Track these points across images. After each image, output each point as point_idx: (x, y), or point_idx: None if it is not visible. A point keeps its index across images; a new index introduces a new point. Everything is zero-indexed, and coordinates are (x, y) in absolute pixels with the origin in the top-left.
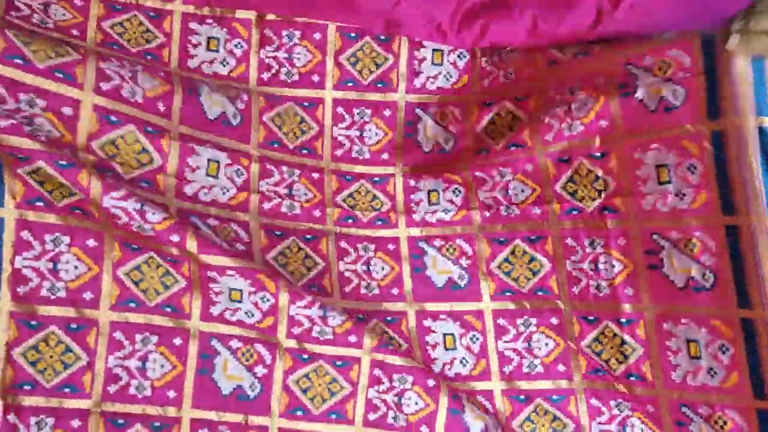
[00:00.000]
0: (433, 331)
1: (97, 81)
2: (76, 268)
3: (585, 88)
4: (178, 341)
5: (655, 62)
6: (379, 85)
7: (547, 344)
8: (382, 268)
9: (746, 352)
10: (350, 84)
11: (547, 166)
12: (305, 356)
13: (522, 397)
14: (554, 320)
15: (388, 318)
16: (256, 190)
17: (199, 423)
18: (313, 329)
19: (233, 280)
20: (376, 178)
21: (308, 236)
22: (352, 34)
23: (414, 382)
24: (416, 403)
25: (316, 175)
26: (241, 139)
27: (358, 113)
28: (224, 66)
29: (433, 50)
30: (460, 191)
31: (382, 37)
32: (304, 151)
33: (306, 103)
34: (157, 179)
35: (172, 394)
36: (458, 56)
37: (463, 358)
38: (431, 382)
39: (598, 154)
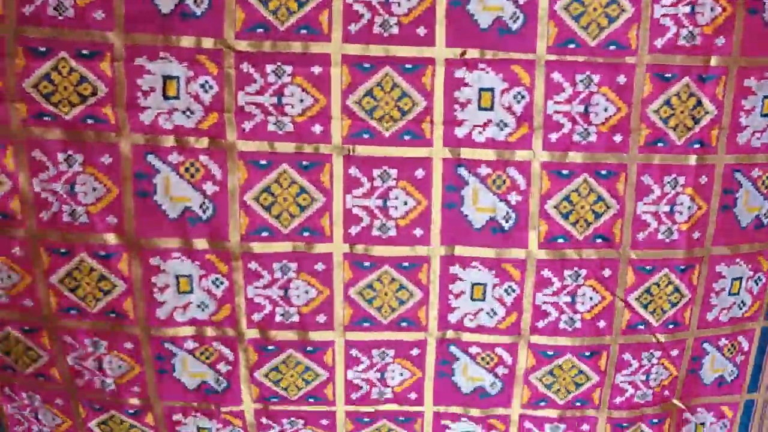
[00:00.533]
0: (460, 279)
1: (18, 6)
2: (9, 277)
3: None
4: (129, 345)
5: None
6: None
7: (591, 298)
8: (405, 203)
9: None
10: None
11: (644, 81)
12: (270, 347)
13: (550, 352)
14: (606, 272)
15: (405, 264)
16: (231, 107)
17: (171, 409)
18: (275, 312)
19: (180, 263)
20: (408, 65)
21: (305, 163)
22: None
23: (395, 355)
24: (400, 375)
25: (317, 69)
26: (207, 32)
27: None
28: None
29: None
30: (523, 96)
31: None
32: (303, 31)
33: None
34: (106, 113)
35: (136, 389)
36: None
37: (492, 309)
38: (416, 352)
39: (706, 76)
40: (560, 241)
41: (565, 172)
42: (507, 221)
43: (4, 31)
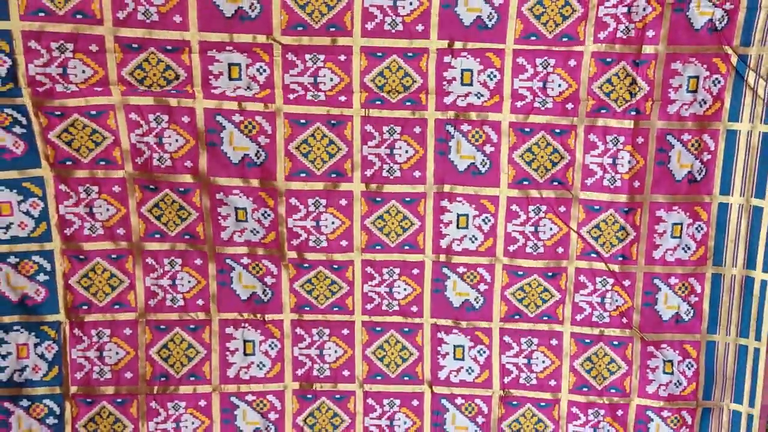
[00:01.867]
0: (449, 211)
1: (114, 12)
2: (107, 210)
3: None
4: (199, 261)
5: None
6: None
7: (551, 228)
8: (406, 151)
9: (716, 230)
10: None
11: (590, 64)
12: (305, 264)
13: (520, 272)
14: (562, 208)
15: (407, 199)
16: (279, 85)
17: (225, 322)
18: (309, 239)
19: (238, 198)
20: (410, 53)
21: (333, 122)
22: None
23: (400, 273)
24: (405, 290)
25: (343, 57)
26: (261, 30)
27: None
28: None
29: None
30: (495, 75)
31: None
32: (332, 29)
33: None
34: (187, 90)
35: (200, 302)
36: None
37: (473, 235)
38: (416, 271)
39: (639, 61)
40: (525, 183)
41: (527, 129)
42: (483, 166)
43: (103, 32)
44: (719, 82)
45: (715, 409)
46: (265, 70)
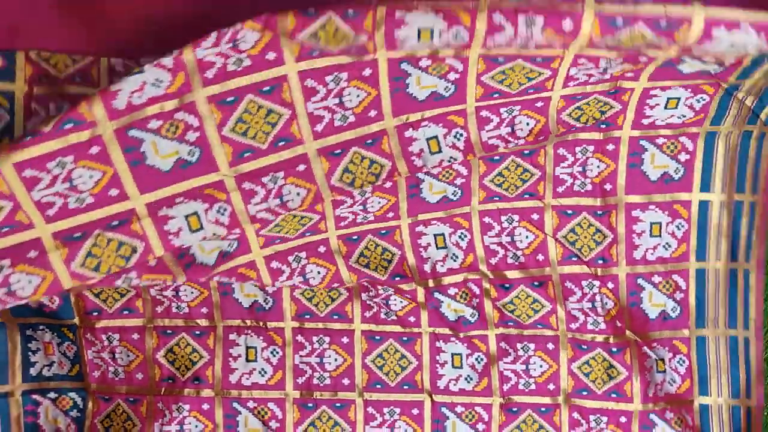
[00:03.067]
0: (425, 234)
1: (42, 212)
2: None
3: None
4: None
5: None
6: None
7: (527, 237)
8: (379, 202)
9: (698, 227)
10: None
11: (558, 101)
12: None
13: (507, 285)
14: (535, 216)
15: (383, 231)
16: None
17: (229, 328)
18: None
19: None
20: (369, 141)
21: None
22: None
23: (396, 291)
24: (401, 302)
25: (302, 167)
26: (205, 170)
27: None
28: None
29: None
30: (461, 134)
31: None
32: (281, 143)
33: None
34: (149, 260)
35: (204, 310)
36: None
37: (453, 254)
38: (407, 287)
39: (611, 91)
40: (496, 199)
41: (496, 158)
42: (455, 196)
43: (39, 233)
44: (703, 99)
45: (713, 404)
46: (225, 209)
